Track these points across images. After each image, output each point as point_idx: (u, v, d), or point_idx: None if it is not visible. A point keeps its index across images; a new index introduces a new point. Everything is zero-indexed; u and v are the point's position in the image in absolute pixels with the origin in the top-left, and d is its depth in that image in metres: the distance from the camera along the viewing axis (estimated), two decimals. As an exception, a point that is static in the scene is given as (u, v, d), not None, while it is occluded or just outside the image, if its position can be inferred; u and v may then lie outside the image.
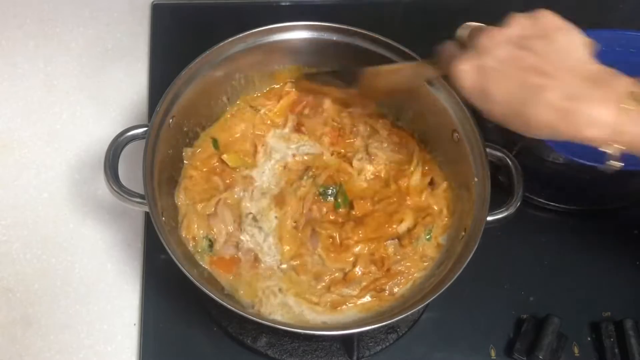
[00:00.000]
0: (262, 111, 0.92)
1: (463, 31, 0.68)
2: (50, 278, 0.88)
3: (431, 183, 0.89)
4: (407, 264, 0.82)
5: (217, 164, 0.88)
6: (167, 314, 0.86)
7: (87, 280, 0.88)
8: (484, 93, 0.62)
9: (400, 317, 0.74)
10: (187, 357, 0.84)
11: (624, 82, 0.59)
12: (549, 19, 0.62)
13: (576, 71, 0.59)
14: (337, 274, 0.82)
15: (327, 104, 0.92)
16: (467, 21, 0.70)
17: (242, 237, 0.83)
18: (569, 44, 0.61)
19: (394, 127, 0.92)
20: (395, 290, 0.81)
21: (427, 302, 0.74)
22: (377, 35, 0.87)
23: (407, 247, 0.83)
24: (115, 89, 1.03)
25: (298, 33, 0.88)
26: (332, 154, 0.90)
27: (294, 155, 0.90)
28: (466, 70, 0.62)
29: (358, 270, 0.81)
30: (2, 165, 0.96)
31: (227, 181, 0.87)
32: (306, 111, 0.92)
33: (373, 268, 0.82)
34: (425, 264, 0.82)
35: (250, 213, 0.85)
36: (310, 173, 0.88)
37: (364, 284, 0.81)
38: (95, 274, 0.89)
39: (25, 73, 1.04)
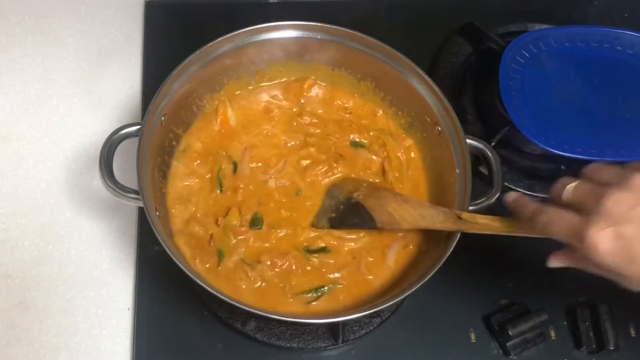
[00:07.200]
0: None
1: (566, 193, 0.67)
2: (47, 264, 0.90)
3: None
4: None
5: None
6: (160, 299, 0.88)
7: (83, 267, 0.90)
8: (628, 258, 0.61)
9: (386, 305, 0.76)
10: (179, 341, 0.86)
11: None
12: None
13: None
14: None
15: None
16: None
17: None
18: None
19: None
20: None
21: (412, 290, 0.75)
22: (363, 35, 0.89)
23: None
24: (110, 83, 1.05)
25: (285, 32, 0.90)
26: None
27: None
28: (605, 238, 0.61)
29: None
30: (1, 156, 0.97)
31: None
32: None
33: None
34: None
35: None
36: None
37: None
38: (91, 260, 0.91)
39: (23, 67, 1.05)
